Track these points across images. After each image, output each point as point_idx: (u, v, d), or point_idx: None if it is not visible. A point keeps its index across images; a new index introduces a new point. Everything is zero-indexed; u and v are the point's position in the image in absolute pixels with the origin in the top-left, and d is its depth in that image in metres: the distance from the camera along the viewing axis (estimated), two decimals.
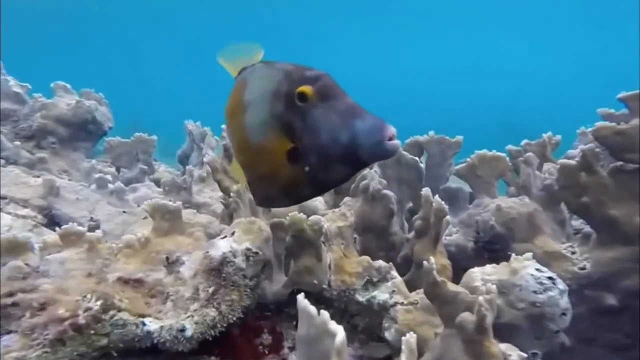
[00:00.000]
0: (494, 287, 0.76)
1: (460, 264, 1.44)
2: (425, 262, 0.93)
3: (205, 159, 1.14)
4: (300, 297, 0.46)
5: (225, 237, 0.91)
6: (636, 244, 0.99)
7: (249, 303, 0.90)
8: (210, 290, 0.77)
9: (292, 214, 1.05)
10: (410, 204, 1.72)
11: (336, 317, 1.24)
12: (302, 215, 1.05)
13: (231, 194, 1.01)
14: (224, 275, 0.81)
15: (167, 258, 0.84)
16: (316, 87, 0.53)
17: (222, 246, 0.84)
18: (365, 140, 0.51)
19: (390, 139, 0.50)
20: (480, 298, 0.72)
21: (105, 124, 1.99)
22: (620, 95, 0.97)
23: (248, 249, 0.89)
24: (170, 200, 1.81)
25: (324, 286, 1.17)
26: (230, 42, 0.64)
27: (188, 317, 0.72)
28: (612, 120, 1.07)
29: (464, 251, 1.51)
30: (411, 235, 1.42)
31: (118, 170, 1.98)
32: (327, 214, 1.37)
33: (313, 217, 1.08)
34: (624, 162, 1.02)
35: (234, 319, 0.82)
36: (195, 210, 1.63)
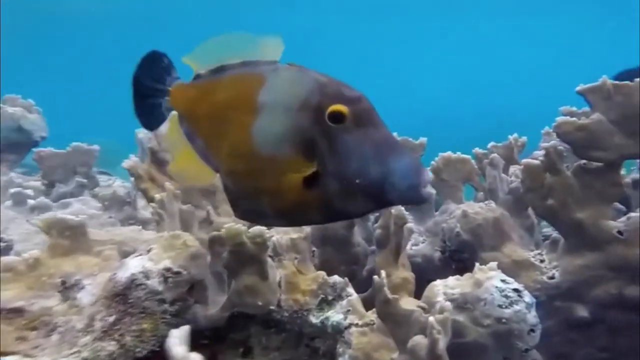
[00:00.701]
0: (447, 304, 0.67)
1: (427, 275, 1.35)
2: (375, 277, 0.84)
3: (124, 164, 1.01)
4: (173, 334, 0.36)
5: (141, 255, 0.79)
6: (604, 250, 0.93)
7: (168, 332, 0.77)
8: (111, 319, 0.65)
9: (228, 225, 0.94)
10: (376, 213, 1.64)
11: (291, 340, 1.13)
12: (241, 227, 0.95)
13: (151, 204, 0.89)
14: (131, 300, 0.69)
15: (64, 282, 0.71)
16: (354, 109, 0.48)
17: (131, 266, 0.72)
18: (399, 181, 0.47)
19: (425, 185, 0.47)
20: (431, 319, 0.63)
21: (35, 133, 1.82)
22: (579, 87, 0.92)
23: (167, 269, 0.77)
24: (110, 217, 1.67)
25: (272, 307, 1.06)
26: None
27: (73, 353, 0.60)
28: (575, 117, 1.02)
29: (431, 262, 1.43)
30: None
31: (52, 184, 1.80)
32: None
33: (255, 229, 0.97)
34: (588, 161, 0.98)
35: (145, 352, 0.69)
36: (140, 227, 1.49)
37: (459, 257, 1.36)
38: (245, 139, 0.51)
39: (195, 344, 0.96)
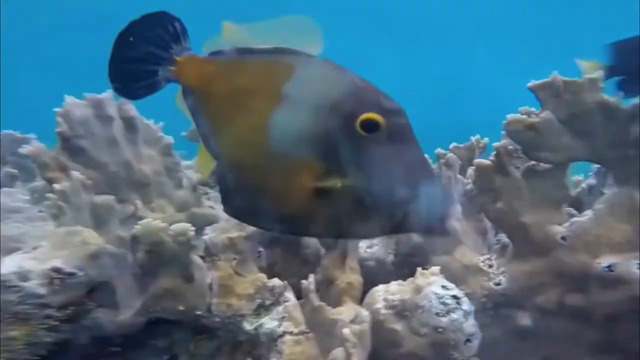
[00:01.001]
0: (365, 314, 0.61)
1: (379, 280, 1.30)
2: (303, 281, 0.78)
3: (23, 150, 0.91)
4: None
5: (25, 253, 0.69)
6: (548, 256, 0.89)
7: (57, 339, 0.68)
8: None
9: (145, 221, 0.86)
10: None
11: (225, 348, 1.06)
12: (159, 224, 0.86)
13: (50, 195, 0.79)
14: None
15: None
16: (390, 121, 0.44)
17: (6, 266, 0.62)
18: (425, 209, 0.43)
19: (450, 218, 0.44)
20: (346, 330, 0.57)
21: None
22: (530, 83, 0.88)
23: (56, 269, 0.68)
24: (41, 212, 1.52)
25: (200, 312, 0.98)
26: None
27: None
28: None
29: (383, 266, 1.38)
30: None
31: None
32: (219, 223, 1.19)
33: (178, 226, 0.89)
34: (537, 162, 0.94)
35: None
36: None
37: (411, 261, 1.31)
38: (259, 129, 0.47)
39: (99, 351, 0.88)
